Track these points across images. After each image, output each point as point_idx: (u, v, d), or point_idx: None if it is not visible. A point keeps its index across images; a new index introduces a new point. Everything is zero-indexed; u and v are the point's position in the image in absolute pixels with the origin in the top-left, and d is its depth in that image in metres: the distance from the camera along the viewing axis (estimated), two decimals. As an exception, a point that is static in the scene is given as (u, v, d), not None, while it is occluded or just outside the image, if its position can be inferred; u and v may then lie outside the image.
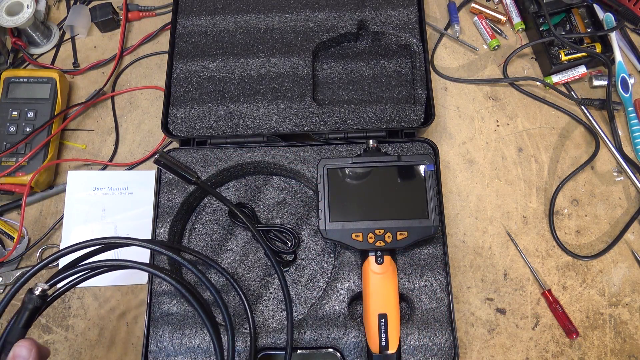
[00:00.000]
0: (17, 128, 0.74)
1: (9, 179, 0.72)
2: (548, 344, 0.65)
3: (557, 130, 0.75)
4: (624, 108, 0.74)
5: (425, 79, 0.72)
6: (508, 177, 0.73)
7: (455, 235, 0.70)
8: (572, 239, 0.70)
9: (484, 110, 0.77)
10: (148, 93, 0.81)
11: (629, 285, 0.67)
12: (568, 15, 0.79)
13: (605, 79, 0.75)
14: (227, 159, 0.69)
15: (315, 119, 0.71)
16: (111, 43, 0.84)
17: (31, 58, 0.82)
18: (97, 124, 0.79)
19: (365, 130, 0.70)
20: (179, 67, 0.75)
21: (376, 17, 0.76)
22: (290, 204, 0.70)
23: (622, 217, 0.70)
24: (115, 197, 0.73)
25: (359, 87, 0.76)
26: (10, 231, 0.72)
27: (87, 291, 0.70)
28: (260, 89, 0.74)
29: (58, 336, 0.68)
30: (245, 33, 0.77)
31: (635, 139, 0.72)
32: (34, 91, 0.76)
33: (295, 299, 0.65)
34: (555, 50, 0.77)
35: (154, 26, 0.84)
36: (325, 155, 0.69)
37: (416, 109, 0.72)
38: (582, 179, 0.73)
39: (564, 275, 0.68)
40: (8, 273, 0.70)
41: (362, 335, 0.61)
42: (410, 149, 0.68)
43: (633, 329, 0.65)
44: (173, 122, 0.72)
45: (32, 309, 0.46)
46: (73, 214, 0.73)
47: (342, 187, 0.62)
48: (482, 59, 0.80)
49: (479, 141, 0.75)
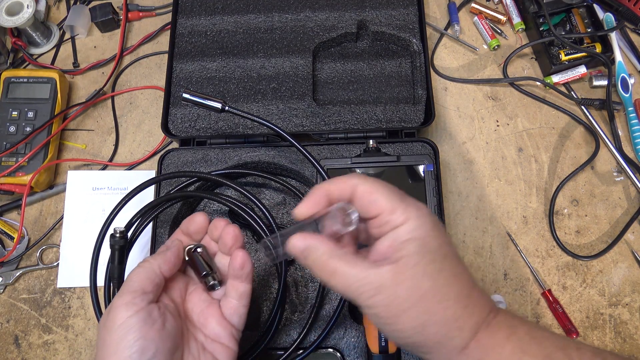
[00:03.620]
0: (17, 128, 0.74)
1: (9, 179, 0.72)
2: (548, 344, 0.65)
3: (557, 130, 0.75)
4: (624, 108, 0.74)
5: (425, 79, 0.72)
6: (508, 177, 0.73)
7: (455, 235, 0.70)
8: (572, 239, 0.70)
9: (484, 110, 0.77)
10: (148, 93, 0.81)
11: (629, 285, 0.67)
12: (568, 15, 0.79)
13: (605, 79, 0.75)
14: (227, 159, 0.69)
15: (315, 119, 0.71)
16: (111, 43, 0.84)
17: (31, 58, 0.82)
18: (97, 124, 0.79)
19: (365, 130, 0.70)
20: (179, 67, 0.75)
21: (376, 17, 0.76)
22: (290, 204, 0.70)
23: (622, 217, 0.70)
24: (115, 197, 0.73)
25: (359, 87, 0.76)
26: (10, 231, 0.72)
27: (87, 291, 0.70)
28: (260, 89, 0.74)
29: (58, 336, 0.68)
30: (245, 33, 0.77)
31: (635, 139, 0.72)
32: (34, 91, 0.76)
33: (295, 299, 0.65)
34: (555, 50, 0.77)
35: (154, 26, 0.84)
36: (325, 155, 0.69)
37: (416, 109, 0.72)
38: (582, 179, 0.73)
39: (564, 275, 0.68)
40: (8, 273, 0.70)
41: (362, 335, 0.61)
42: (410, 149, 0.68)
43: (633, 329, 0.65)
44: (173, 122, 0.72)
45: (119, 248, 0.56)
46: (73, 214, 0.73)
47: (342, 187, 0.62)
48: (482, 59, 0.80)
49: (479, 141, 0.75)
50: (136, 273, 0.45)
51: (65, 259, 0.71)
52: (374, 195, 0.40)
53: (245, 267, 0.47)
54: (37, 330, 0.68)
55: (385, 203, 0.40)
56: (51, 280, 0.71)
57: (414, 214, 0.39)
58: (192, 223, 0.51)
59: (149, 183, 0.61)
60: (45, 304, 0.69)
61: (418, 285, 0.38)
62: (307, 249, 0.40)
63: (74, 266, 0.70)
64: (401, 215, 0.39)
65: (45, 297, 0.70)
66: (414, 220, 0.39)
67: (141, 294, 0.43)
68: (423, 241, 0.39)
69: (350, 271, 0.39)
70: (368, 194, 0.41)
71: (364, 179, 0.41)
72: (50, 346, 0.67)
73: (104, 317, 0.43)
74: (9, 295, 0.70)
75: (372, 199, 0.40)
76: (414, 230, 0.39)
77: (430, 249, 0.39)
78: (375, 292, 0.38)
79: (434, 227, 0.40)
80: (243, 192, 0.60)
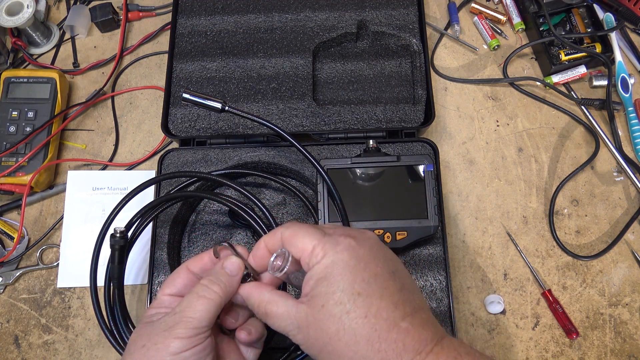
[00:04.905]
0: (17, 128, 0.74)
1: (9, 179, 0.72)
2: (548, 344, 0.65)
3: (557, 130, 0.75)
4: (624, 108, 0.74)
5: (425, 79, 0.72)
6: (508, 177, 0.73)
7: (455, 235, 0.70)
8: (572, 239, 0.70)
9: (484, 110, 0.77)
10: (148, 93, 0.81)
11: (629, 285, 0.67)
12: (568, 15, 0.79)
13: (605, 79, 0.75)
14: (227, 159, 0.69)
15: (315, 119, 0.71)
16: (111, 43, 0.84)
17: (31, 58, 0.82)
18: (97, 124, 0.79)
19: (365, 130, 0.70)
20: (179, 67, 0.75)
21: (376, 17, 0.76)
22: (290, 204, 0.70)
23: (622, 217, 0.70)
24: (115, 197, 0.73)
25: (359, 87, 0.76)
26: (10, 231, 0.72)
27: (87, 291, 0.70)
28: (260, 89, 0.74)
29: (58, 336, 0.68)
30: (245, 33, 0.77)
31: (635, 139, 0.72)
32: (34, 91, 0.76)
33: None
34: (555, 50, 0.77)
35: (154, 26, 0.84)
36: (325, 155, 0.69)
37: (416, 109, 0.72)
38: (582, 179, 0.73)
39: (564, 275, 0.68)
40: (8, 273, 0.70)
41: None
42: (410, 149, 0.68)
43: (633, 329, 0.65)
44: (173, 122, 0.72)
45: (119, 248, 0.56)
46: (73, 214, 0.73)
47: (342, 187, 0.62)
48: (482, 59, 0.80)
49: (479, 141, 0.75)
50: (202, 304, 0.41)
51: (65, 259, 0.71)
52: (295, 238, 0.41)
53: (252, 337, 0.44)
54: (37, 330, 0.68)
55: (305, 243, 0.40)
56: (51, 280, 0.71)
57: (331, 250, 0.39)
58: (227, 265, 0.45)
59: (149, 183, 0.61)
60: (45, 304, 0.69)
61: (324, 327, 0.37)
62: (246, 296, 0.43)
63: (74, 266, 0.70)
64: (320, 252, 0.39)
65: (45, 297, 0.70)
66: (329, 257, 0.39)
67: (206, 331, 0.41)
68: (333, 279, 0.38)
69: (277, 311, 0.40)
70: (291, 238, 0.41)
71: (288, 226, 0.42)
72: (50, 346, 0.67)
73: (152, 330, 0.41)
74: (9, 295, 0.70)
75: (293, 243, 0.41)
76: (327, 267, 0.38)
77: (341, 287, 0.37)
78: (297, 331, 0.39)
79: (351, 259, 0.38)
80: (243, 192, 0.60)
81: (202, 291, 0.42)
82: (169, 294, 0.45)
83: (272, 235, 0.43)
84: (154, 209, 0.61)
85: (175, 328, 0.40)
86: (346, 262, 0.38)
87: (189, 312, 0.41)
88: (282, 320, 0.40)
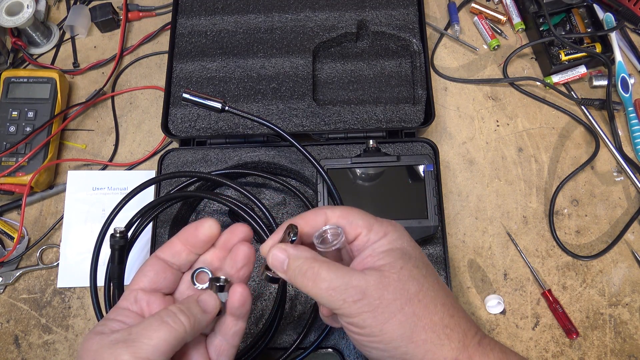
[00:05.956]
0: (17, 128, 0.74)
1: (9, 179, 0.72)
2: (548, 344, 0.65)
3: (557, 130, 0.75)
4: (624, 108, 0.74)
5: (425, 79, 0.72)
6: (508, 177, 0.73)
7: (455, 235, 0.70)
8: (572, 239, 0.70)
9: (484, 110, 0.77)
10: (148, 93, 0.81)
11: (629, 285, 0.67)
12: (568, 15, 0.79)
13: (605, 79, 0.75)
14: (227, 159, 0.69)
15: (315, 119, 0.71)
16: (111, 43, 0.84)
17: (31, 58, 0.82)
18: (97, 124, 0.79)
19: (365, 130, 0.70)
20: (179, 67, 0.75)
21: (376, 17, 0.76)
22: (290, 204, 0.70)
23: (622, 217, 0.70)
24: (115, 197, 0.73)
25: (359, 87, 0.76)
26: (10, 231, 0.72)
27: (87, 291, 0.70)
28: (260, 89, 0.74)
29: (58, 336, 0.68)
30: (245, 33, 0.77)
31: (635, 139, 0.72)
32: (34, 91, 0.76)
33: (295, 299, 0.65)
34: (555, 50, 0.77)
35: (154, 26, 0.84)
36: (325, 155, 0.69)
37: (416, 109, 0.72)
38: (582, 179, 0.73)
39: (564, 275, 0.68)
40: (8, 273, 0.70)
41: (362, 335, 0.61)
42: (410, 149, 0.68)
43: (633, 329, 0.65)
44: (173, 122, 0.72)
45: (119, 248, 0.56)
46: (73, 214, 0.73)
47: (342, 187, 0.62)
48: (482, 59, 0.80)
49: (479, 141, 0.75)
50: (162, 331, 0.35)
51: (65, 259, 0.71)
52: (349, 217, 0.41)
53: (245, 306, 0.41)
54: (37, 330, 0.68)
55: (362, 222, 0.40)
56: (51, 280, 0.71)
57: (392, 229, 0.41)
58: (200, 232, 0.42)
59: (149, 183, 0.61)
60: (45, 304, 0.69)
61: (405, 287, 0.37)
62: (289, 257, 0.39)
63: (74, 266, 0.70)
64: (379, 231, 0.40)
65: (45, 297, 0.70)
66: (392, 234, 0.40)
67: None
68: (405, 250, 0.40)
69: (334, 275, 0.37)
70: (342, 218, 0.41)
71: (332, 207, 0.42)
72: (50, 346, 0.67)
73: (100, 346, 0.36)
74: (9, 295, 0.70)
75: (347, 222, 0.41)
76: (393, 241, 0.40)
77: (413, 256, 0.40)
78: (361, 296, 0.36)
79: (411, 241, 0.41)
80: (243, 192, 0.60)
81: (167, 317, 0.36)
82: (140, 287, 0.40)
83: (311, 215, 0.41)
84: (154, 209, 0.61)
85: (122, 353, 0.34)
86: (409, 240, 0.41)
87: (144, 336, 0.35)
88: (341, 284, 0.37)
